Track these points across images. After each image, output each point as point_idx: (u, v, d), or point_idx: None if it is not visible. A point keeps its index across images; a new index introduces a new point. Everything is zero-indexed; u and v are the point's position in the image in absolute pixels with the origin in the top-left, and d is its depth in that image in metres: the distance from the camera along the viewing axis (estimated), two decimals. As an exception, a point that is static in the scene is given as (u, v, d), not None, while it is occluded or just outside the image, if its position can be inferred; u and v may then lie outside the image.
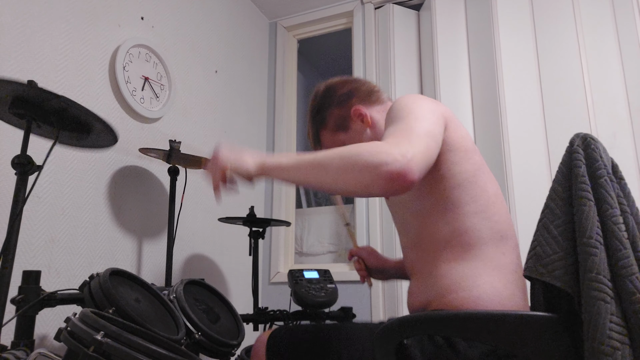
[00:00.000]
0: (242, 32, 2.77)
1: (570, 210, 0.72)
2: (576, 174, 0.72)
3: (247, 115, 2.73)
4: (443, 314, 0.80)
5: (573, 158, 0.74)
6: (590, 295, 0.65)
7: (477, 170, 0.94)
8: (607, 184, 0.70)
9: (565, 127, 2.09)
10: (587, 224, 0.68)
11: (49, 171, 1.55)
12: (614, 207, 0.68)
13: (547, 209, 0.74)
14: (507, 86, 2.21)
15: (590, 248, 0.67)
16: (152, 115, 1.98)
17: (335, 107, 1.15)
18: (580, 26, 2.16)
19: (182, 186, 2.05)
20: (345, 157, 0.76)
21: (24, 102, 1.12)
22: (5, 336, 1.20)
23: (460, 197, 0.91)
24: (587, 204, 0.69)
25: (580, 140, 0.75)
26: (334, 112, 1.15)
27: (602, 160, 0.72)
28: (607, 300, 0.64)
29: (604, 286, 0.65)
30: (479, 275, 0.87)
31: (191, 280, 1.49)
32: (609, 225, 0.67)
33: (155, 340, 0.90)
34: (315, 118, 1.18)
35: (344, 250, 2.82)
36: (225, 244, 2.41)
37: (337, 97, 1.15)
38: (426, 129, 0.82)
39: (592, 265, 0.66)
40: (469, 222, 0.90)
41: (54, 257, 1.54)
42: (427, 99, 0.95)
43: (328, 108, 1.15)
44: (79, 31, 1.72)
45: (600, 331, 0.63)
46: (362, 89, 1.15)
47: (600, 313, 0.64)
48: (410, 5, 2.71)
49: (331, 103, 1.15)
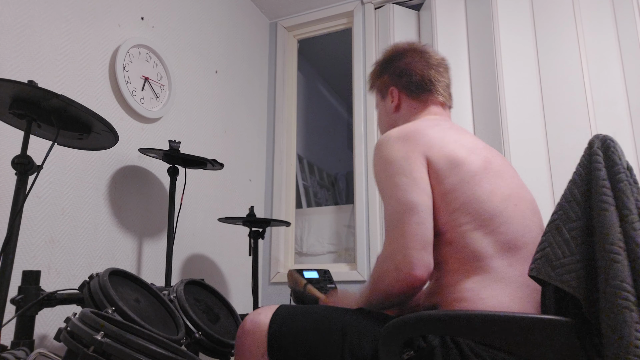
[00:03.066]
0: (243, 32, 2.77)
1: (586, 215, 0.70)
2: (596, 177, 0.70)
3: (247, 115, 2.73)
4: (452, 313, 0.78)
5: (593, 160, 0.71)
6: (614, 304, 0.63)
7: (479, 185, 0.91)
8: (627, 188, 0.68)
9: (565, 127, 2.09)
10: (610, 230, 0.66)
11: (49, 171, 1.55)
12: (634, 213, 0.66)
13: (561, 210, 0.72)
14: (507, 86, 2.21)
15: (614, 255, 0.65)
16: (152, 115, 1.98)
17: (387, 73, 1.20)
18: (580, 26, 2.16)
19: (181, 186, 2.05)
20: (375, 291, 0.93)
21: (24, 102, 1.12)
22: (5, 336, 1.20)
23: (459, 220, 0.90)
24: (609, 210, 0.67)
25: (599, 142, 0.72)
26: (385, 77, 1.20)
27: (621, 163, 0.70)
28: (631, 309, 0.62)
29: (629, 294, 0.63)
30: (482, 289, 0.85)
31: (191, 280, 1.49)
32: (630, 232, 0.66)
33: (155, 340, 0.90)
34: (381, 65, 1.22)
35: (344, 250, 2.82)
36: (225, 244, 2.41)
37: (394, 66, 1.18)
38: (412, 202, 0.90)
39: (616, 272, 0.64)
40: (468, 239, 0.89)
41: (54, 257, 1.54)
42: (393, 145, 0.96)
43: (386, 69, 1.20)
44: (79, 31, 1.72)
45: (626, 340, 0.61)
46: (414, 77, 1.15)
47: (626, 322, 0.62)
48: (410, 5, 2.71)
49: (388, 67, 1.20)
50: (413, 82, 1.15)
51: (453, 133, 0.99)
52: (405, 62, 1.17)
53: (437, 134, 0.97)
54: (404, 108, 1.16)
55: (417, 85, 1.14)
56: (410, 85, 1.15)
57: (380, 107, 1.23)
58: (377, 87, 1.23)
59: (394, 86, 1.17)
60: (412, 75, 1.15)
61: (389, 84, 1.18)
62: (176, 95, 2.16)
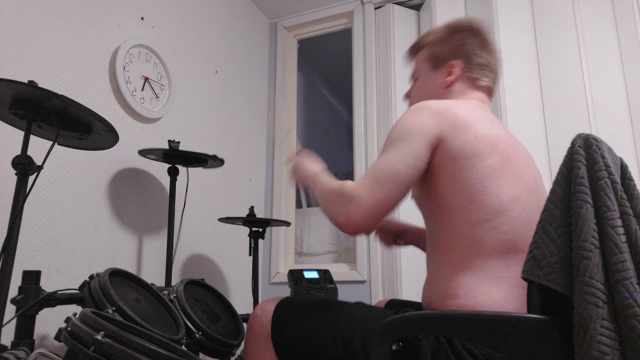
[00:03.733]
0: (243, 32, 2.77)
1: (569, 213, 0.71)
2: (575, 175, 0.71)
3: (247, 115, 2.73)
4: (439, 313, 0.80)
5: (573, 159, 0.73)
6: (582, 299, 0.64)
7: (489, 176, 0.90)
8: (606, 186, 0.68)
9: (565, 127, 2.09)
10: (583, 226, 0.67)
11: (49, 171, 1.55)
12: (612, 210, 0.67)
13: (546, 211, 0.73)
14: (507, 86, 2.21)
15: (585, 252, 0.66)
16: (152, 115, 1.98)
17: (452, 46, 1.14)
18: (580, 26, 2.16)
19: (181, 186, 2.05)
20: (326, 198, 0.96)
21: (24, 102, 1.12)
22: (5, 336, 1.20)
23: (462, 206, 0.89)
24: (584, 207, 0.68)
25: (581, 141, 0.73)
26: (447, 48, 1.13)
27: (603, 162, 0.70)
28: (598, 305, 0.63)
29: (597, 290, 0.64)
30: (475, 286, 0.86)
31: (191, 280, 1.49)
32: (606, 229, 0.66)
33: (155, 340, 0.90)
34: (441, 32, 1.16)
35: (344, 250, 2.82)
36: (225, 244, 2.41)
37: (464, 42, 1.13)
38: (394, 170, 0.91)
39: (585, 268, 0.65)
40: (469, 231, 0.88)
41: (54, 257, 1.54)
42: (424, 114, 0.95)
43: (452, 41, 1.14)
44: (79, 31, 1.72)
45: (591, 335, 0.62)
46: (480, 60, 1.12)
47: (591, 317, 0.63)
48: (410, 5, 2.71)
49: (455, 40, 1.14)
50: (477, 64, 1.12)
51: (486, 122, 0.97)
52: (475, 42, 1.13)
53: (468, 119, 0.95)
54: (457, 86, 1.12)
55: (480, 68, 1.12)
56: (473, 67, 1.12)
57: (424, 77, 1.16)
58: (431, 56, 1.16)
59: (458, 61, 1.12)
60: (479, 57, 1.12)
61: (452, 57, 1.13)
62: (176, 95, 2.16)
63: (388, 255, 2.39)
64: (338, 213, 0.91)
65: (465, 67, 1.11)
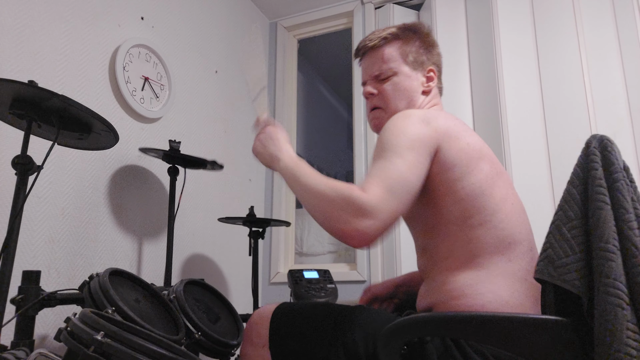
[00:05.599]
0: (242, 32, 2.77)
1: (584, 214, 0.70)
2: (593, 176, 0.70)
3: (247, 115, 2.73)
4: (450, 315, 0.78)
5: (589, 160, 0.72)
6: (606, 301, 0.64)
7: (485, 180, 0.92)
8: (623, 188, 0.68)
9: (565, 127, 2.08)
10: (605, 228, 0.66)
11: (49, 171, 1.55)
12: (630, 212, 0.67)
13: (560, 211, 0.72)
14: (507, 86, 2.21)
15: (608, 253, 0.65)
16: (152, 115, 1.98)
17: (432, 53, 1.16)
18: (581, 26, 2.16)
19: (181, 186, 2.05)
20: (323, 197, 0.87)
21: (24, 102, 1.12)
22: (5, 336, 1.20)
23: (463, 211, 0.90)
24: (604, 208, 0.68)
25: (597, 142, 0.73)
26: (422, 51, 1.14)
27: (618, 163, 0.70)
28: (624, 307, 0.63)
29: (621, 292, 0.63)
30: (481, 283, 0.86)
31: (191, 280, 1.49)
32: (625, 231, 0.66)
33: (155, 340, 0.90)
34: (404, 31, 1.14)
35: (344, 250, 2.82)
36: (225, 244, 2.41)
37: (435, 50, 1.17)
38: (407, 180, 0.86)
39: (610, 270, 0.64)
40: (471, 233, 0.89)
41: (54, 257, 1.54)
42: (415, 123, 0.94)
43: (432, 48, 1.16)
44: (79, 31, 1.72)
45: (618, 338, 0.62)
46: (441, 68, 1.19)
47: (618, 319, 0.62)
48: (410, 5, 2.71)
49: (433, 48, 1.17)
50: (440, 72, 1.18)
51: (467, 129, 1.00)
52: (439, 53, 1.19)
53: (456, 127, 0.98)
54: (432, 93, 1.15)
55: (440, 75, 1.18)
56: (440, 76, 1.18)
57: (404, 77, 1.11)
58: (407, 56, 1.12)
59: (434, 67, 1.15)
60: (441, 65, 1.19)
61: (429, 63, 1.14)
62: (176, 95, 2.16)
63: (388, 256, 2.39)
64: (344, 221, 0.83)
65: (438, 75, 1.17)
